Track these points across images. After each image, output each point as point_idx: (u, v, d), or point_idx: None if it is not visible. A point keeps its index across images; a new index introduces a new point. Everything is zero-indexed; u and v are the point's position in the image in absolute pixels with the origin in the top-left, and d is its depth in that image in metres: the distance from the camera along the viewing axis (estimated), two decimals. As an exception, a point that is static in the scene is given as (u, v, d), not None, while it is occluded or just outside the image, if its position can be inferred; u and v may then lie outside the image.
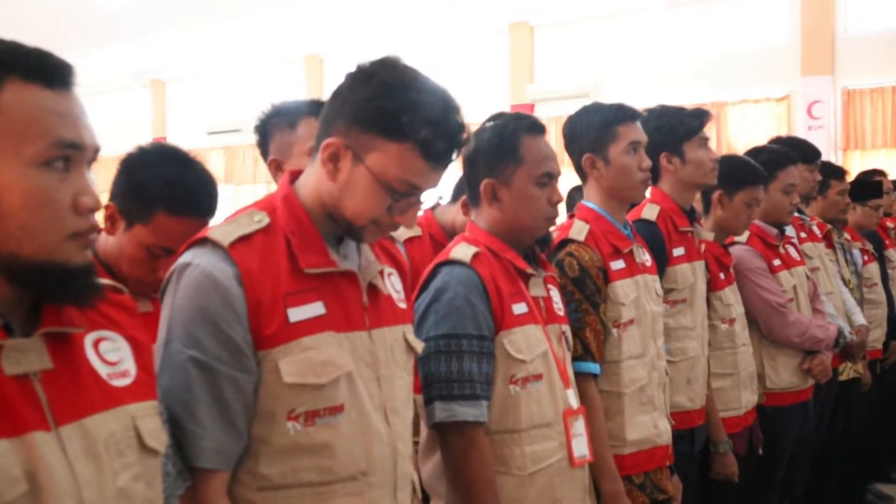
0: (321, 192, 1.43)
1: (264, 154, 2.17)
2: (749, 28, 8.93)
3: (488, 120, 2.05)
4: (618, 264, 2.32)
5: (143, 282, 1.72)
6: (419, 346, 1.61)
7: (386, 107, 1.35)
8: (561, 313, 2.08)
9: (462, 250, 1.94)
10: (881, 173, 5.04)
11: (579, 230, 2.31)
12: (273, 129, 2.14)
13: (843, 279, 4.13)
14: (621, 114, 2.36)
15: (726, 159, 3.11)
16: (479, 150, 1.99)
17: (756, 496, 3.24)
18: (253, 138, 2.25)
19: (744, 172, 3.03)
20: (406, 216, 1.43)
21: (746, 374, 3.03)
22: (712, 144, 8.09)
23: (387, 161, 1.36)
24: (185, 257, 1.37)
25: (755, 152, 3.37)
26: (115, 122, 11.36)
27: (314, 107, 2.11)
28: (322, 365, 1.36)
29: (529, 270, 1.98)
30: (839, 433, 4.13)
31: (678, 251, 2.68)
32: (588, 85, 9.60)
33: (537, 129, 2.00)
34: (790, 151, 3.38)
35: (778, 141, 3.86)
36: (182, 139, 12.05)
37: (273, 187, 1.67)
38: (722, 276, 3.02)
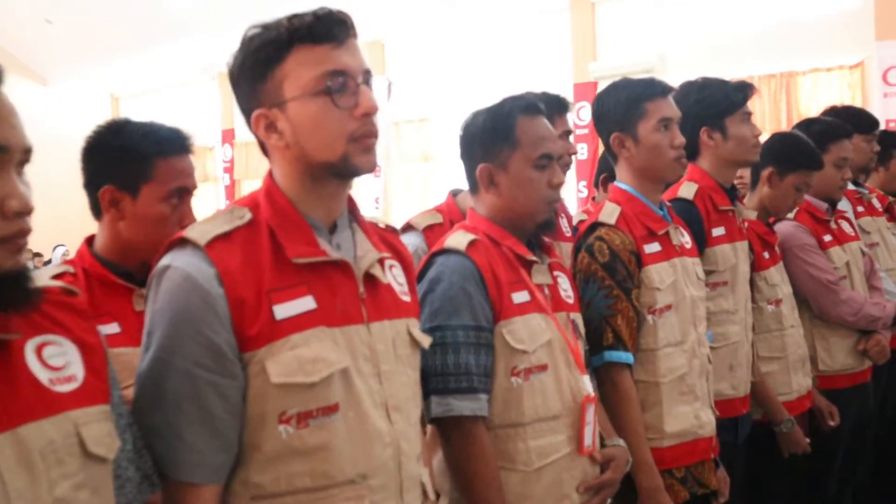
0: (292, 165, 1.38)
1: None
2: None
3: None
4: (652, 247, 2.23)
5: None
6: (425, 340, 1.54)
7: (259, 44, 1.34)
8: (570, 301, 2.01)
9: (458, 238, 1.87)
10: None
11: (610, 213, 2.24)
12: None
13: (907, 255, 3.94)
14: (650, 89, 2.27)
15: (786, 137, 3.02)
16: (474, 134, 1.93)
17: (813, 484, 3.12)
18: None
19: (801, 154, 2.92)
20: (365, 100, 1.34)
21: (796, 357, 2.92)
22: (783, 115, 7.76)
23: (295, 80, 1.32)
24: (165, 260, 1.31)
25: (807, 124, 3.25)
26: (186, 115, 11.58)
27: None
28: (312, 362, 1.29)
29: (530, 257, 1.90)
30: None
31: (718, 231, 2.58)
32: (653, 60, 9.34)
33: (534, 109, 1.92)
34: (844, 124, 3.24)
35: (833, 111, 3.71)
36: (249, 131, 12.20)
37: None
38: (766, 255, 2.91)
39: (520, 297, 1.85)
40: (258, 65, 1.35)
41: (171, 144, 1.78)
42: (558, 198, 1.93)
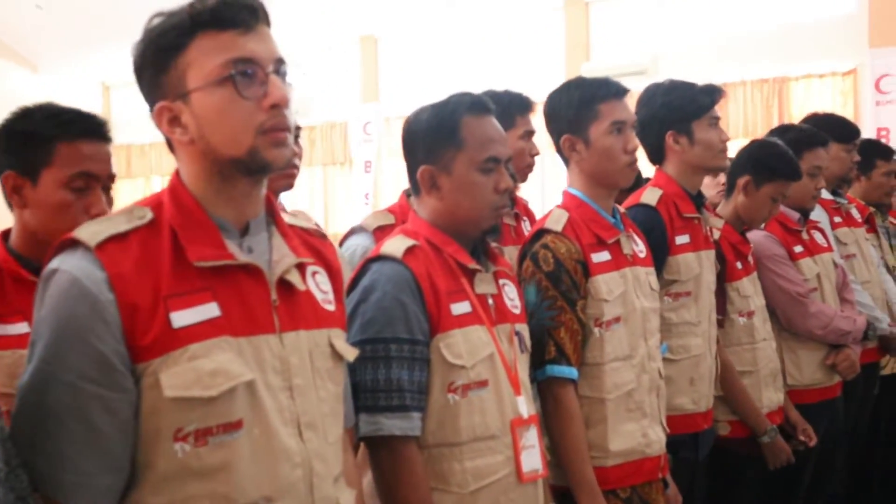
0: (198, 161, 1.28)
1: None
2: (815, -4, 8.50)
3: None
4: (600, 256, 2.13)
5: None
6: (350, 353, 1.43)
7: (160, 31, 1.26)
8: (517, 311, 1.90)
9: (395, 244, 1.76)
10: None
11: (557, 219, 2.14)
12: None
13: (886, 266, 3.87)
14: (604, 90, 2.16)
15: (765, 145, 2.94)
16: (416, 134, 1.82)
17: (780, 500, 3.04)
18: (304, 121, 2.17)
19: (780, 164, 2.85)
20: (274, 90, 1.25)
21: (768, 372, 2.84)
22: (774, 121, 7.66)
23: (198, 69, 1.24)
24: (52, 263, 1.21)
25: (782, 130, 3.18)
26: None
27: None
28: (211, 375, 1.18)
29: (472, 266, 1.79)
30: (883, 432, 3.89)
31: (682, 239, 2.50)
32: (646, 62, 9.26)
33: (481, 108, 1.80)
34: (819, 132, 3.17)
35: (814, 119, 3.64)
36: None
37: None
38: (739, 265, 2.84)
39: (460, 307, 1.74)
40: (160, 53, 1.26)
41: (77, 127, 1.68)
42: (505, 203, 1.82)
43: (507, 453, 1.75)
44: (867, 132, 8.21)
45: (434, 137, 1.79)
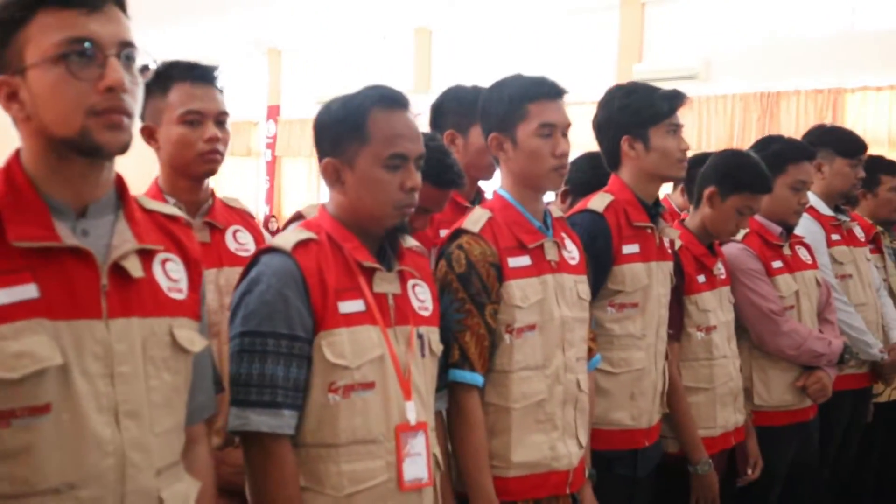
0: (34, 139, 1.27)
1: None
2: (873, 5, 8.17)
3: None
4: (519, 261, 2.05)
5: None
6: (196, 343, 1.40)
7: (4, 4, 1.24)
8: (427, 313, 1.83)
9: (287, 237, 1.71)
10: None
11: (475, 220, 2.06)
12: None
13: (890, 289, 3.70)
14: (535, 89, 2.07)
15: (732, 155, 2.84)
16: (323, 125, 1.76)
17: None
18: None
19: (746, 176, 2.72)
20: (111, 73, 1.23)
21: (726, 391, 2.73)
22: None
23: (36, 46, 1.22)
24: None
25: (766, 142, 3.07)
26: (232, 89, 11.59)
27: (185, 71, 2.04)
28: (16, 357, 1.17)
29: (367, 264, 1.73)
30: (875, 461, 3.73)
31: (630, 248, 2.40)
32: (697, 66, 9.07)
33: (392, 102, 1.73)
34: (805, 146, 3.04)
35: (817, 130, 3.51)
36: (294, 108, 12.28)
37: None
38: (702, 279, 2.73)
39: (350, 306, 1.69)
40: (1, 26, 1.25)
41: None
42: (411, 202, 1.75)
43: (389, 459, 1.69)
44: (921, 149, 7.95)
45: (339, 130, 1.74)
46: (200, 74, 2.07)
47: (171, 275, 1.40)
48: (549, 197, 2.55)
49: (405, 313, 1.79)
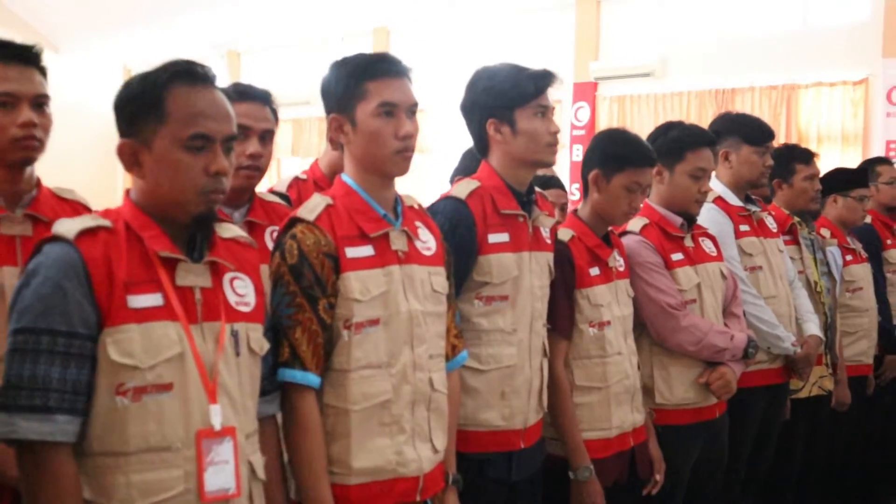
0: None
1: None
2: (826, 3, 8.10)
3: None
4: (358, 251, 1.90)
5: None
6: None
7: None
8: (245, 308, 1.68)
9: (70, 224, 1.54)
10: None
11: (312, 208, 1.91)
12: None
13: (808, 281, 3.57)
14: (374, 66, 1.93)
15: (608, 135, 2.70)
16: (120, 102, 1.60)
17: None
18: (312, 112, 2.10)
19: (626, 151, 2.58)
20: None
21: (621, 389, 2.58)
22: (782, 129, 7.27)
23: None
24: None
25: (665, 129, 2.92)
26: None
27: None
28: None
29: (166, 254, 1.57)
30: (795, 458, 3.61)
31: (497, 237, 2.26)
32: (653, 63, 9.03)
33: (195, 77, 1.59)
34: (705, 131, 2.90)
35: (723, 117, 3.38)
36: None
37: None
38: (596, 271, 2.59)
39: (143, 300, 1.53)
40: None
41: None
42: (218, 188, 1.59)
43: (188, 468, 1.54)
44: (877, 144, 7.87)
45: (135, 107, 1.58)
46: (14, 54, 1.92)
47: None
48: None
49: (215, 308, 1.63)
